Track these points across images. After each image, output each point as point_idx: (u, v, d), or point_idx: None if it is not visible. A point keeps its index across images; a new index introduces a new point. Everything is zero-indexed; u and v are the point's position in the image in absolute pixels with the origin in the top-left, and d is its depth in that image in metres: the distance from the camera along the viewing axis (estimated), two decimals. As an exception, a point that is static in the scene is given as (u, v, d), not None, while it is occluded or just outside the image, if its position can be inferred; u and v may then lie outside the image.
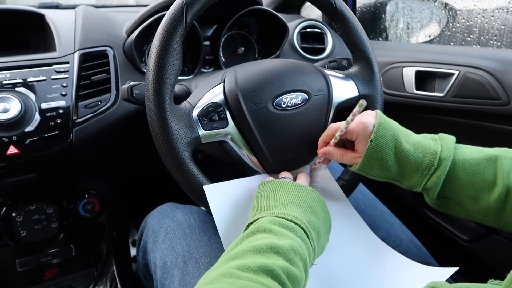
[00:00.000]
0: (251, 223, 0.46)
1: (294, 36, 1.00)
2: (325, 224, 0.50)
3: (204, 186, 0.53)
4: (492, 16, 0.94)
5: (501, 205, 0.48)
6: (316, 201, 0.50)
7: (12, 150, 0.65)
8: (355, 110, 0.52)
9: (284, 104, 0.58)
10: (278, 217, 0.45)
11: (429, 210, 1.04)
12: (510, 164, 0.48)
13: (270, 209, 0.47)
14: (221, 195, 0.55)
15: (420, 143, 0.51)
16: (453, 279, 0.56)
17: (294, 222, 0.44)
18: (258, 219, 0.46)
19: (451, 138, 0.52)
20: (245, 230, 0.46)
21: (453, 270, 0.52)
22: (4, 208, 0.79)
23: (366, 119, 0.52)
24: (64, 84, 0.71)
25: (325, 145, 0.58)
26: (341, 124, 0.54)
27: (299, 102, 0.59)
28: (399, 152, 0.51)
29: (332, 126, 0.57)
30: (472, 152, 0.51)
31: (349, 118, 0.53)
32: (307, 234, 0.45)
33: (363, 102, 0.51)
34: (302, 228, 0.44)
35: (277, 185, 0.52)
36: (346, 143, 0.57)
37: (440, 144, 0.51)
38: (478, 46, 0.98)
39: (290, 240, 0.41)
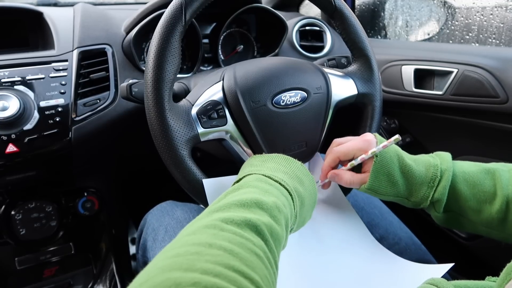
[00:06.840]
0: (237, 182, 0.46)
1: (293, 34, 1.00)
2: (311, 197, 0.50)
3: (203, 180, 0.53)
4: (491, 14, 0.94)
5: (503, 216, 0.49)
6: (304, 174, 0.51)
7: (11, 148, 0.65)
8: (387, 143, 0.52)
9: (283, 102, 0.58)
10: (265, 176, 0.45)
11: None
12: (509, 176, 0.50)
13: (257, 171, 0.47)
14: (219, 191, 0.54)
15: (420, 159, 0.54)
16: (451, 276, 0.57)
17: (280, 183, 0.45)
18: (244, 177, 0.46)
19: (447, 154, 0.55)
20: None
21: (448, 266, 0.52)
22: (3, 206, 0.79)
23: (369, 137, 0.55)
24: (63, 82, 0.71)
25: (330, 169, 0.57)
26: (361, 151, 0.54)
27: (298, 100, 0.59)
28: (403, 166, 0.53)
29: (336, 150, 0.56)
30: (470, 166, 0.53)
31: (377, 148, 0.52)
32: (292, 197, 0.45)
33: (398, 137, 0.51)
34: (287, 190, 0.45)
35: (267, 156, 0.52)
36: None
37: (438, 159, 0.54)
38: (477, 44, 0.98)
39: (274, 198, 0.41)
